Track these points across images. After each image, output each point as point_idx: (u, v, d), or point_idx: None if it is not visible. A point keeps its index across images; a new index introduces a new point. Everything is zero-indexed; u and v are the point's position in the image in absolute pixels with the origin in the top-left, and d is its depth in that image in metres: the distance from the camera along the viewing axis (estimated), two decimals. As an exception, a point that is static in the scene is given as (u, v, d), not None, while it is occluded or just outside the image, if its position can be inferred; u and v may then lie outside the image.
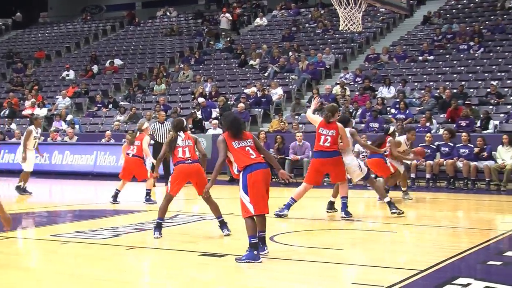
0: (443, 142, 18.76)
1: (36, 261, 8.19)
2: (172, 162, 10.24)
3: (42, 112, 28.95)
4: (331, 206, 12.64)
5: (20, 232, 10.58)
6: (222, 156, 8.32)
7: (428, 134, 19.08)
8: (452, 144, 18.62)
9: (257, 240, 8.01)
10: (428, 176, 18.58)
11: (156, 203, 13.67)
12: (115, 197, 14.38)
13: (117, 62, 33.90)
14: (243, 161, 8.18)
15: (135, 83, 30.56)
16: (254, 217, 8.13)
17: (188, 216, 12.23)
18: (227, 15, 35.42)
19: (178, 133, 10.11)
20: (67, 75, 33.31)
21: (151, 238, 9.94)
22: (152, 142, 18.61)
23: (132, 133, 15.35)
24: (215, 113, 24.68)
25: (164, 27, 38.65)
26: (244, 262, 7.80)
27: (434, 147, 18.82)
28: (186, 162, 9.92)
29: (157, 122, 19.23)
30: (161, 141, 18.45)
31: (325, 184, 12.83)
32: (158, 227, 9.79)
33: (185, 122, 10.75)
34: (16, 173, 22.88)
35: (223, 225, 10.01)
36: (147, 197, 14.50)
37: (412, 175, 18.76)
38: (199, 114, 24.55)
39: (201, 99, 25.67)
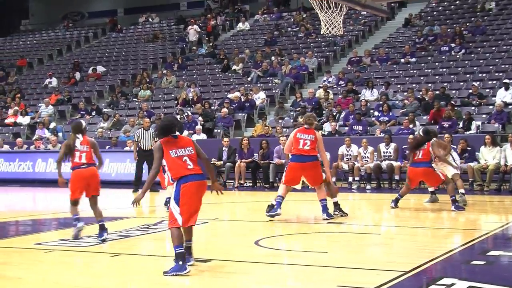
0: (426, 144, 18.81)
1: (20, 270, 8.14)
2: (71, 166, 10.28)
3: (25, 120, 28.85)
4: (337, 207, 12.52)
5: (3, 241, 10.51)
6: (156, 167, 7.89)
7: (411, 136, 19.12)
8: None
9: (182, 250, 7.66)
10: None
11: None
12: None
13: (100, 69, 33.81)
14: (179, 172, 7.79)
15: (118, 90, 30.50)
16: (181, 227, 7.85)
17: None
18: (195, 27, 35.08)
19: (77, 136, 10.23)
20: (50, 82, 33.20)
21: (135, 244, 9.91)
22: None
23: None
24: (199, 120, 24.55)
25: (146, 33, 38.61)
26: (171, 275, 7.48)
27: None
28: (81, 167, 10.13)
29: (142, 129, 19.20)
30: (146, 148, 18.45)
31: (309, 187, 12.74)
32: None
33: (83, 125, 10.67)
34: None
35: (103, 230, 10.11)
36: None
37: (397, 177, 18.83)
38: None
39: (188, 113, 25.08)
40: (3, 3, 46.62)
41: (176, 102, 27.60)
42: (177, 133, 8.02)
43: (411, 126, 20.77)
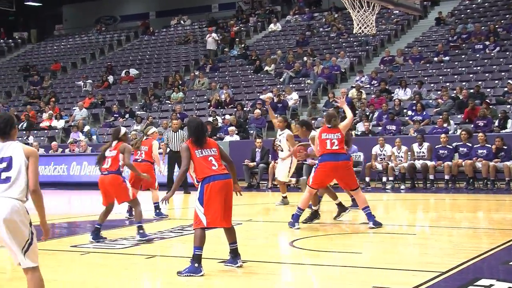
0: (461, 143, 18.67)
1: (56, 272, 8.21)
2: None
3: (59, 123, 29.15)
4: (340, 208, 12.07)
5: (39, 244, 10.60)
6: (185, 165, 7.89)
7: (443, 135, 18.98)
8: (470, 145, 18.52)
9: (201, 253, 7.68)
10: (446, 177, 18.47)
11: (168, 216, 13.46)
12: (130, 212, 13.23)
13: (133, 71, 34.03)
14: (203, 172, 7.82)
15: (151, 92, 30.68)
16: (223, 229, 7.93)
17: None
18: (214, 35, 34.84)
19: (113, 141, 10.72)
20: (85, 85, 33.47)
21: (170, 246, 9.95)
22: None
23: (137, 138, 15.41)
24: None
25: (178, 36, 38.78)
26: (185, 275, 7.55)
27: (451, 147, 18.72)
28: (103, 173, 10.45)
29: (171, 131, 19.24)
30: (175, 150, 18.46)
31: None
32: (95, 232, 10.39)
33: (120, 131, 10.96)
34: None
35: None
36: (157, 211, 13.54)
37: (431, 177, 18.67)
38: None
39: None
40: (37, 9, 47.21)
41: (208, 104, 27.67)
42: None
43: (445, 125, 20.57)
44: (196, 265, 7.62)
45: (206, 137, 8.02)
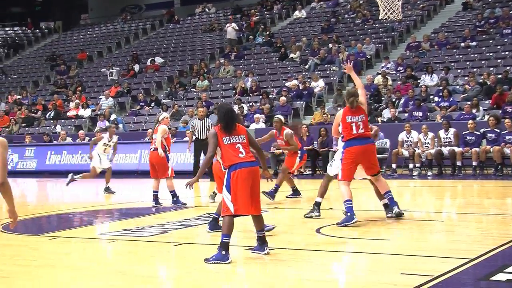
0: (489, 129, 18.49)
1: (85, 260, 8.29)
2: None
3: (86, 112, 29.32)
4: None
5: (69, 232, 10.72)
6: (211, 151, 7.88)
7: (470, 121, 18.82)
8: (498, 131, 18.35)
9: (228, 240, 7.68)
10: (474, 163, 18.32)
11: (186, 205, 13.35)
12: (155, 200, 13.49)
13: (158, 60, 34.12)
14: (230, 160, 7.82)
15: (176, 81, 30.74)
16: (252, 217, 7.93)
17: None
18: (233, 24, 34.54)
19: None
20: (111, 73, 33.60)
21: (197, 234, 10.00)
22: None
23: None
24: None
25: (203, 24, 38.78)
26: (212, 262, 7.58)
27: (479, 133, 18.55)
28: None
29: (197, 119, 19.26)
30: (201, 138, 18.48)
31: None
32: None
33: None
34: (63, 174, 23.23)
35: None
36: (174, 199, 13.40)
37: (459, 163, 18.53)
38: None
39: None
40: (63, -1, 47.54)
41: (234, 91, 27.68)
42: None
43: (474, 111, 20.37)
44: (224, 252, 7.64)
45: (235, 124, 7.96)
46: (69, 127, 28.60)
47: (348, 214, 10.09)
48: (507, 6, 29.03)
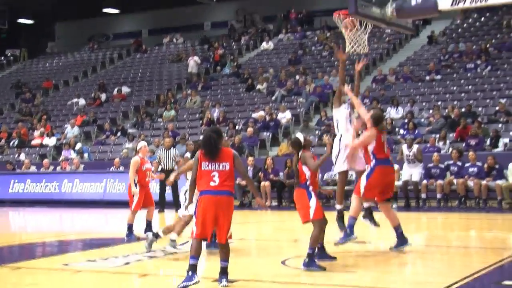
0: (452, 162, 18.74)
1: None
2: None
3: (51, 141, 29.07)
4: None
5: (31, 262, 10.55)
6: (193, 175, 8.05)
7: (435, 154, 19.07)
8: (460, 164, 18.59)
9: (195, 263, 7.75)
10: (439, 196, 18.50)
11: (139, 239, 12.58)
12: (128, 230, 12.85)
13: (125, 89, 34.02)
14: (201, 186, 7.94)
15: (143, 110, 30.65)
16: (198, 240, 7.93)
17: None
18: (195, 58, 34.53)
19: None
20: (77, 103, 33.38)
21: (163, 265, 9.90)
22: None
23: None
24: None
25: (170, 54, 38.83)
26: (182, 285, 7.65)
27: (443, 166, 18.78)
28: None
29: (163, 149, 19.22)
30: (167, 168, 18.38)
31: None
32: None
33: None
34: (26, 203, 22.94)
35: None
36: (127, 231, 12.77)
37: (423, 195, 18.67)
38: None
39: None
40: (30, 27, 47.23)
41: (201, 122, 27.67)
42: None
43: (441, 143, 20.59)
44: (190, 273, 7.73)
45: (217, 149, 7.96)
46: (33, 155, 28.29)
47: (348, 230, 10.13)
48: (470, 41, 29.57)
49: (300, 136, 9.27)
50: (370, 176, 10.19)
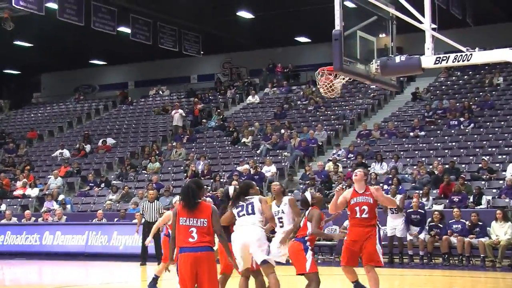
0: (434, 223, 18.75)
1: None
2: None
3: (33, 192, 28.84)
4: None
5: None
6: (172, 232, 7.96)
7: (414, 200, 19.25)
8: (442, 226, 18.54)
9: None
10: (421, 253, 18.44)
11: None
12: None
13: (110, 141, 33.95)
14: (180, 242, 7.81)
15: (127, 162, 30.55)
16: None
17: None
18: (180, 111, 34.51)
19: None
20: (61, 154, 33.23)
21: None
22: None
23: None
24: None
25: (156, 106, 38.90)
26: None
27: (423, 212, 18.99)
28: None
29: (147, 201, 19.14)
30: (151, 220, 18.22)
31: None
32: None
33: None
34: (5, 255, 22.65)
35: None
36: (152, 282, 13.15)
37: (410, 252, 18.62)
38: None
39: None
40: (16, 77, 47.32)
41: (185, 174, 27.59)
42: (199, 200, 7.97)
43: (424, 199, 20.58)
44: None
45: (195, 203, 7.86)
46: (15, 206, 28.03)
47: None
48: (454, 98, 29.86)
49: (308, 195, 9.76)
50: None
